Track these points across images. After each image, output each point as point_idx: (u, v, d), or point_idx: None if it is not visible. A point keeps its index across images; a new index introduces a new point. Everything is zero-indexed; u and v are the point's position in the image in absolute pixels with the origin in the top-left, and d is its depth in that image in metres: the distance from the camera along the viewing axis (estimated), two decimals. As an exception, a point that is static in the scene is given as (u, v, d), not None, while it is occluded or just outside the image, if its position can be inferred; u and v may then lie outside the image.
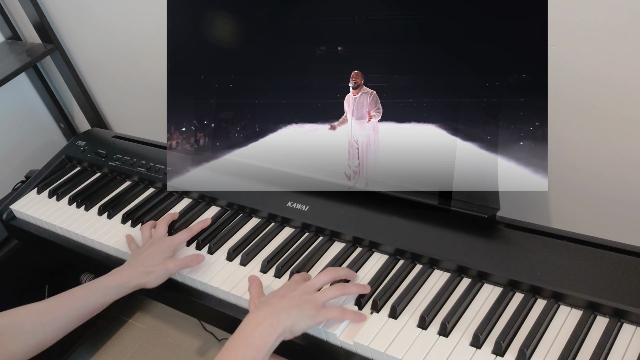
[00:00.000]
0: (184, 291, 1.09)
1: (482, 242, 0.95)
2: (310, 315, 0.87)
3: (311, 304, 0.88)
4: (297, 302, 0.87)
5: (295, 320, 0.86)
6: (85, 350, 1.84)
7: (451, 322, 0.86)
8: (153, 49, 1.53)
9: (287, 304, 0.87)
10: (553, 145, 1.04)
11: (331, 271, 0.95)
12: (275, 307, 0.86)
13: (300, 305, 0.87)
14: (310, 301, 0.88)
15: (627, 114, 0.97)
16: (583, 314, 0.83)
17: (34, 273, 1.69)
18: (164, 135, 1.21)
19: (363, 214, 1.06)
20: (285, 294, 0.89)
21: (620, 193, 1.05)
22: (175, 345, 1.81)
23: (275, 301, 0.88)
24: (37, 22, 1.67)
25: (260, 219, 1.16)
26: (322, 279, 0.93)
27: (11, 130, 1.88)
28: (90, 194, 1.37)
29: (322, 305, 0.89)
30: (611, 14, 0.90)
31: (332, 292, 0.91)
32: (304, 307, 0.87)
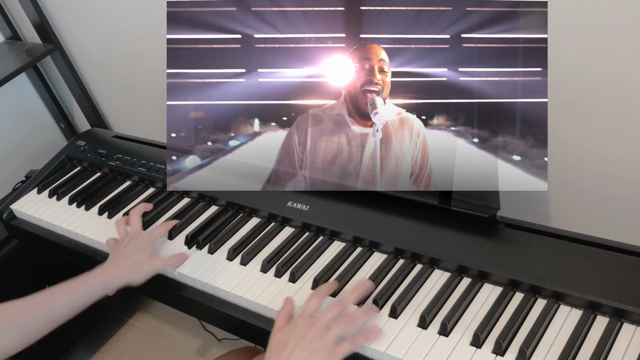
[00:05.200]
0: (184, 291, 1.09)
1: (482, 242, 0.95)
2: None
3: (322, 352, 0.83)
4: (307, 354, 0.83)
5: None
6: (85, 350, 1.84)
7: (451, 322, 0.86)
8: (153, 49, 1.53)
9: (298, 357, 0.83)
10: (553, 145, 1.04)
11: (339, 305, 0.90)
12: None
13: (311, 357, 0.83)
14: (320, 348, 0.84)
15: (627, 114, 0.97)
16: (583, 313, 0.84)
17: (34, 273, 1.69)
18: (164, 135, 1.21)
19: (363, 214, 1.07)
20: (295, 344, 0.84)
21: (620, 193, 1.05)
22: (175, 345, 1.81)
23: (285, 357, 0.83)
24: (37, 22, 1.67)
25: (260, 219, 1.16)
26: (331, 314, 0.88)
27: (11, 130, 1.88)
28: (91, 194, 1.37)
29: (333, 346, 0.85)
30: (611, 14, 0.90)
31: (340, 327, 0.86)
32: (315, 358, 0.83)
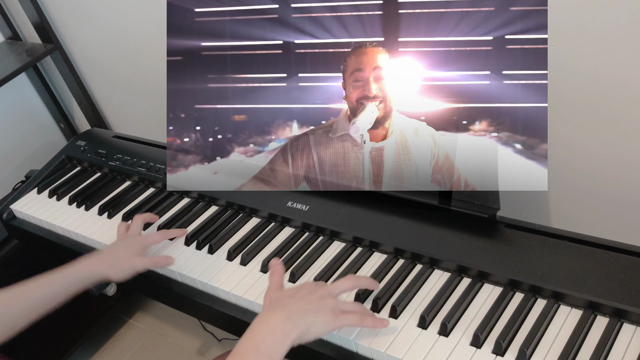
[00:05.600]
0: (184, 291, 1.09)
1: (482, 242, 0.95)
2: (325, 321, 0.81)
3: (328, 310, 0.82)
4: (315, 306, 0.82)
5: (309, 326, 0.80)
6: (85, 350, 1.84)
7: (451, 322, 0.86)
8: (153, 49, 1.53)
9: (303, 308, 0.81)
10: (553, 145, 1.04)
11: (353, 279, 0.89)
12: (290, 309, 0.81)
13: (317, 310, 0.81)
14: (327, 306, 0.82)
15: (627, 114, 0.97)
16: (583, 313, 0.84)
17: (34, 273, 1.68)
18: (164, 135, 1.21)
19: (363, 214, 1.07)
20: (303, 295, 0.83)
21: (620, 193, 1.05)
22: (175, 345, 1.81)
23: (291, 302, 0.82)
24: (37, 22, 1.67)
25: (260, 219, 1.16)
26: (344, 285, 0.87)
27: (11, 130, 1.88)
28: (91, 194, 1.37)
29: (339, 311, 0.84)
30: (611, 14, 0.90)
31: (352, 306, 0.86)
32: (321, 313, 0.81)
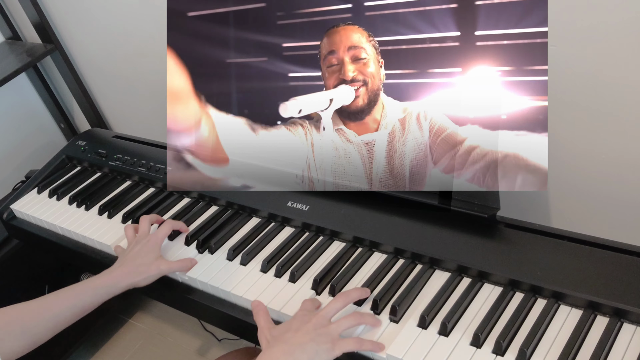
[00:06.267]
0: (184, 291, 1.09)
1: (482, 242, 0.95)
2: (326, 349, 0.82)
3: (327, 338, 0.83)
4: (312, 336, 0.82)
5: (312, 357, 0.81)
6: (85, 350, 1.84)
7: (451, 322, 0.86)
8: (153, 49, 1.53)
9: (302, 339, 0.82)
10: (553, 145, 1.04)
11: (343, 297, 0.89)
12: (290, 343, 0.81)
13: (316, 339, 0.82)
14: (325, 334, 0.83)
15: (627, 114, 0.97)
16: (583, 313, 0.84)
17: (34, 273, 1.69)
18: (164, 135, 1.21)
19: (363, 214, 1.07)
20: (299, 327, 0.84)
21: (620, 193, 1.05)
22: (175, 345, 1.82)
23: (289, 336, 0.83)
24: (37, 22, 1.67)
25: (260, 219, 1.16)
26: (335, 306, 0.87)
27: (11, 130, 1.88)
28: (91, 194, 1.37)
29: (337, 337, 0.84)
30: (611, 15, 0.90)
31: (348, 322, 0.86)
32: (320, 342, 0.82)
